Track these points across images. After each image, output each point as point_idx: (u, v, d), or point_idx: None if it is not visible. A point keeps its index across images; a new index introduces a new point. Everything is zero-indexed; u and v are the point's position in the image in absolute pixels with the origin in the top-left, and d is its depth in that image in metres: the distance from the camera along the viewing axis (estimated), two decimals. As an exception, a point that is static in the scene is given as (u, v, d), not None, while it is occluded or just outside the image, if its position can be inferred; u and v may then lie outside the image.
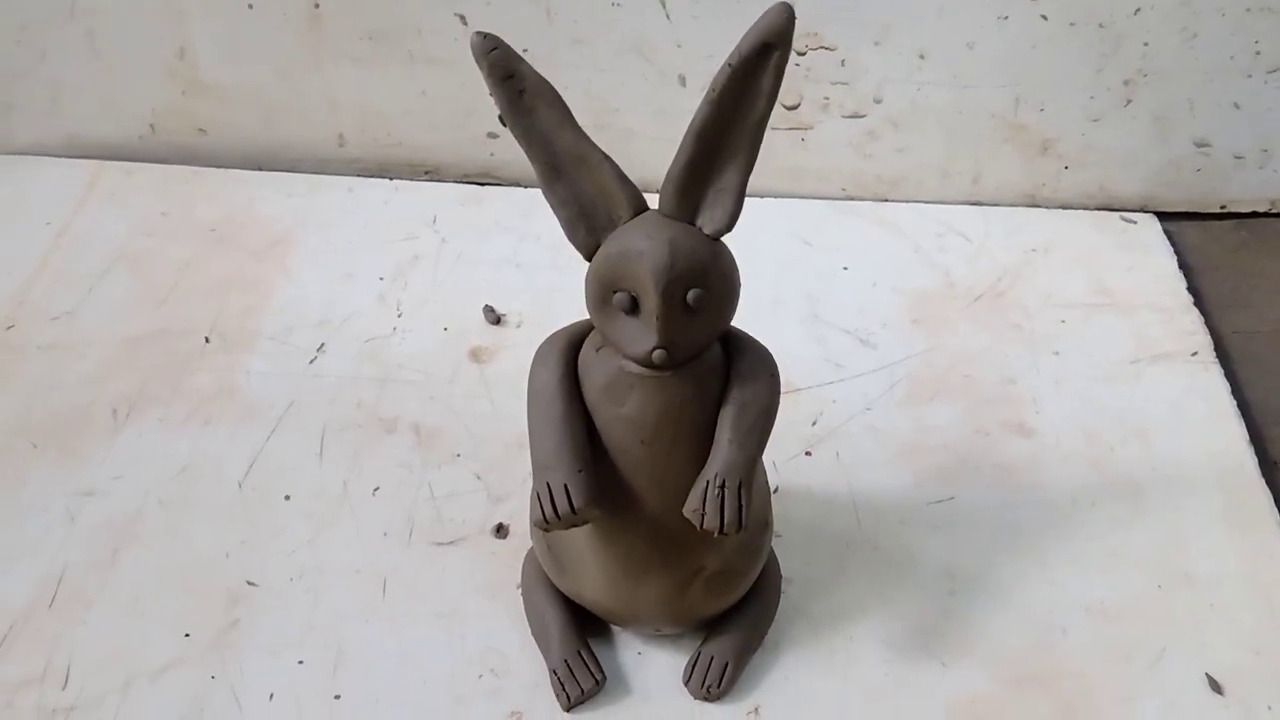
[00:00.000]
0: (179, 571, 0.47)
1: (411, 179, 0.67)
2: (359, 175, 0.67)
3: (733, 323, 0.39)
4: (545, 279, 0.60)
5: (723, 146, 0.36)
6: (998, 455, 0.52)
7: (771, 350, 0.39)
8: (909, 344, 0.57)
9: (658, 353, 0.36)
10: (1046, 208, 0.66)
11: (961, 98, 0.62)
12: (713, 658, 0.43)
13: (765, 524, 0.43)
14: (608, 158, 0.37)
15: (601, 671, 0.43)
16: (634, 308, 0.36)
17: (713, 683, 0.43)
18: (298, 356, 0.56)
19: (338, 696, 0.43)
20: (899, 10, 0.59)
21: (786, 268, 0.62)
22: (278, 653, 0.44)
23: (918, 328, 0.58)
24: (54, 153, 0.67)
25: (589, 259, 0.37)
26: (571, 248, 0.38)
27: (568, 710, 0.43)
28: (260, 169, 0.67)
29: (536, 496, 0.38)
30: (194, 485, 0.50)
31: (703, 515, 0.37)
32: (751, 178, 0.36)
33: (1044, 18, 0.59)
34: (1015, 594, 0.47)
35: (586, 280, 0.37)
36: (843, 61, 0.61)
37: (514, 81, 0.35)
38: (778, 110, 0.63)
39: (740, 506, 0.37)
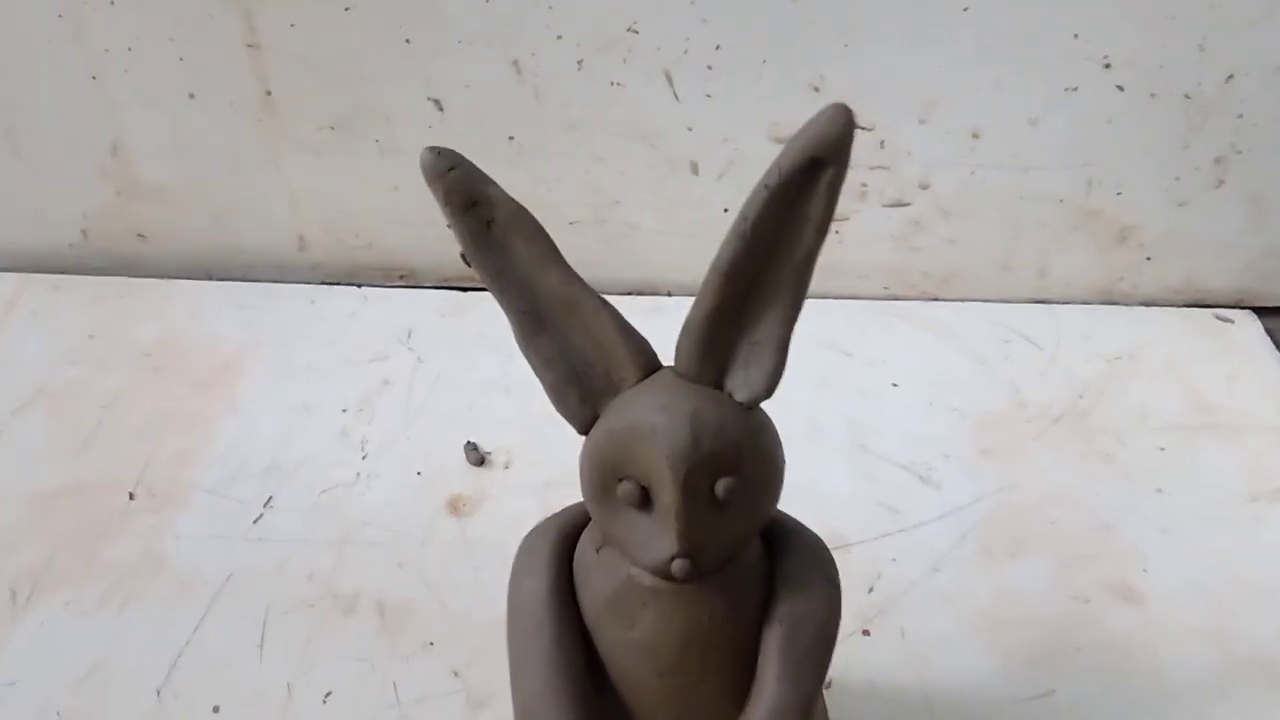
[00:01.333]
0: (75, 815, 0.37)
1: (383, 285, 0.59)
2: (323, 283, 0.58)
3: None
4: (539, 406, 0.50)
5: (759, 290, 0.27)
6: (1102, 631, 0.42)
7: (813, 493, 0.30)
8: (979, 481, 0.48)
9: (678, 563, 0.27)
10: (1126, 305, 0.57)
11: (1023, 181, 0.53)
12: None
13: None
14: (606, 304, 0.28)
15: None
16: (645, 502, 0.27)
17: None
18: (239, 515, 0.47)
19: None
20: (947, 83, 0.51)
21: (823, 386, 0.52)
22: None
23: (987, 460, 0.49)
24: (-26, 266, 0.59)
25: (583, 432, 0.29)
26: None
27: None
28: (210, 278, 0.59)
29: None
30: (104, 692, 0.40)
31: None
32: None
33: (1119, 88, 0.51)
34: (1144, 828, 0.37)
35: (581, 463, 0.28)
36: (882, 142, 0.53)
37: (479, 210, 0.27)
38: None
39: None
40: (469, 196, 0.26)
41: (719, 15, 0.49)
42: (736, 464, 0.27)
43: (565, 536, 0.31)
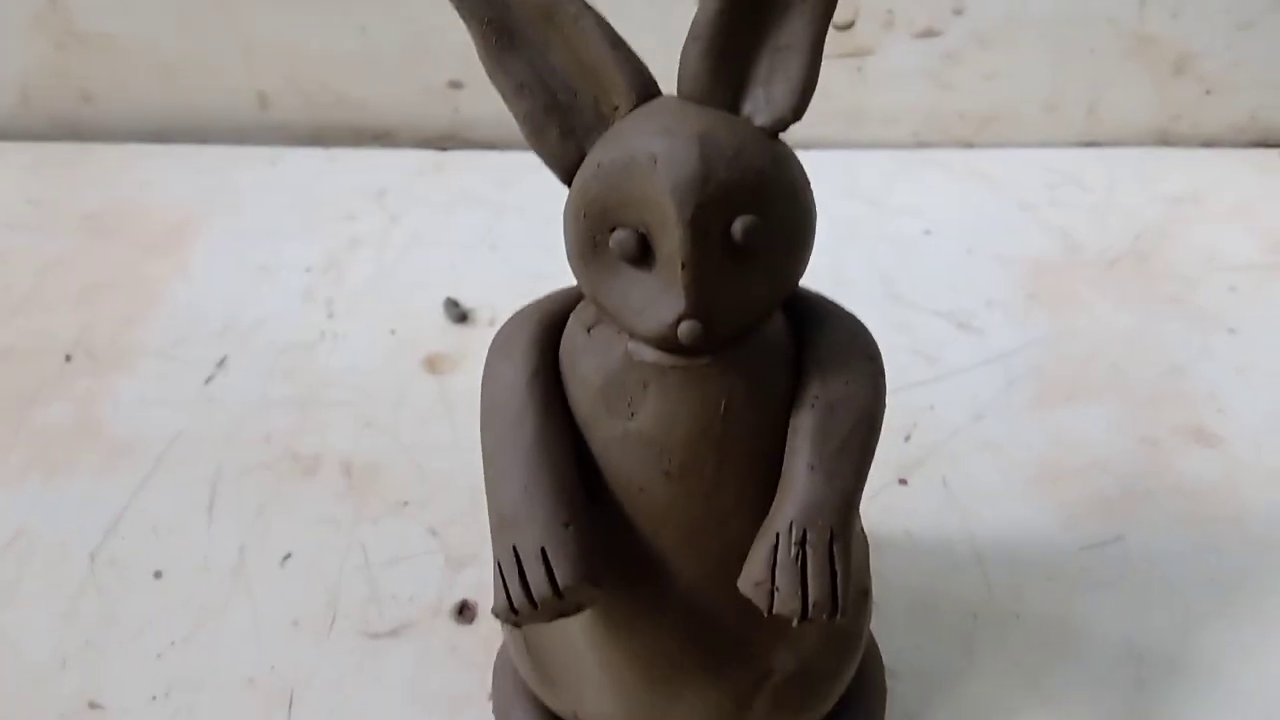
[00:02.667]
0: (-8, 690, 0.32)
1: (354, 145, 0.53)
2: (286, 144, 0.53)
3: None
4: (529, 262, 0.46)
5: None
6: (1175, 474, 0.37)
7: None
8: (1027, 327, 0.43)
9: (686, 325, 0.22)
10: (1185, 146, 0.51)
11: (1070, 5, 0.48)
12: None
13: (864, 594, 0.28)
14: (593, 12, 0.23)
15: None
16: (644, 254, 0.23)
17: None
18: (188, 376, 0.42)
19: None
20: (986, -117, 0.45)
21: (847, 238, 0.47)
22: (123, 816, 0.30)
23: (1036, 305, 0.44)
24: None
25: (567, 179, 0.24)
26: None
27: None
28: (161, 141, 0.53)
29: (498, 570, 0.24)
30: (27, 561, 0.36)
31: (772, 591, 0.23)
32: (796, 125, 0.23)
33: (1182, -116, 0.45)
34: (1239, 678, 0.32)
35: (565, 215, 0.24)
36: (911, -40, 0.47)
37: None
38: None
39: (834, 573, 0.23)
40: None
41: None
42: (758, 199, 0.22)
43: (550, 322, 0.26)
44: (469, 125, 0.53)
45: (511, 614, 0.24)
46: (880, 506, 0.36)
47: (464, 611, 0.34)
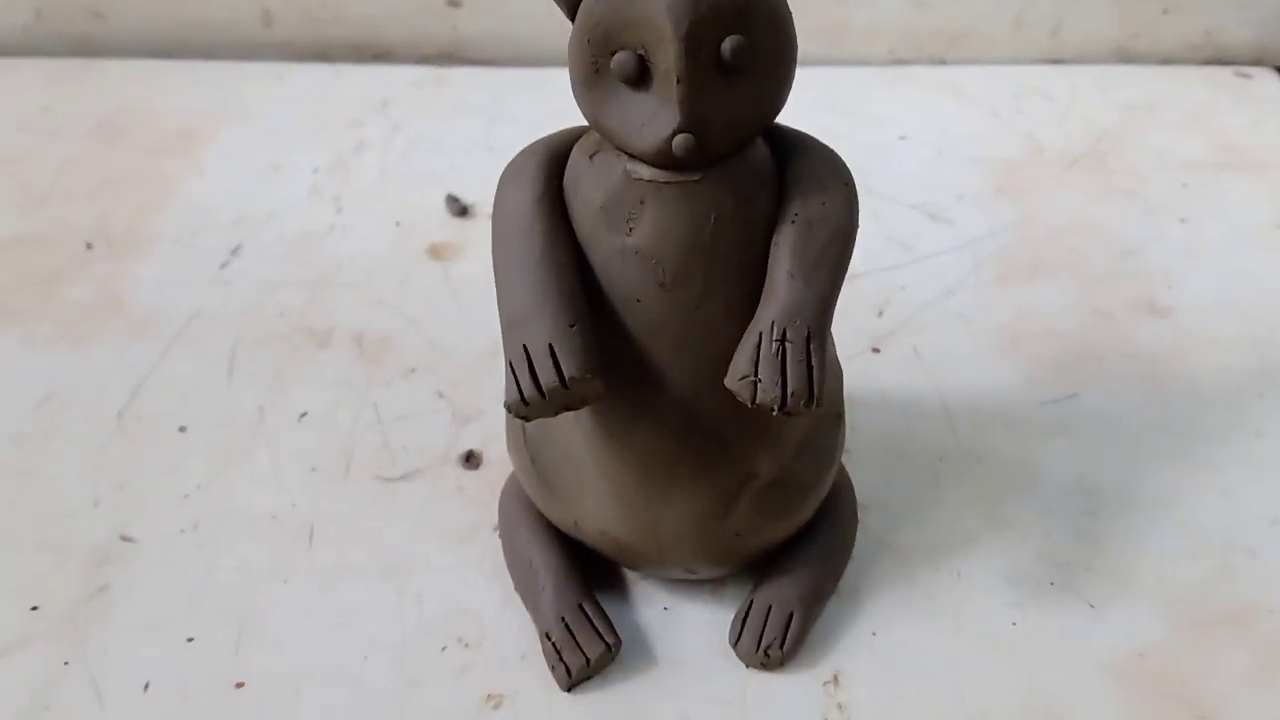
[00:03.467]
0: (31, 525, 0.35)
1: (356, 62, 0.56)
2: (291, 60, 0.56)
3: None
4: (523, 163, 0.49)
5: None
6: (1127, 341, 0.40)
7: None
8: (994, 217, 0.46)
9: (680, 138, 0.25)
10: (1143, 64, 0.55)
11: (1036, -78, 0.51)
12: (770, 607, 0.31)
13: (838, 416, 0.31)
14: None
15: (614, 633, 0.31)
16: (643, 75, 0.25)
17: (773, 641, 0.30)
18: (204, 261, 0.44)
19: (240, 684, 0.31)
20: None
21: (827, 142, 0.50)
22: (158, 628, 0.32)
23: (1003, 198, 0.47)
24: (-86, 47, 0.56)
25: (571, 13, 0.26)
26: (559, 126, 0.27)
27: (568, 689, 0.30)
28: (169, 58, 0.56)
29: (509, 367, 0.26)
30: (59, 417, 0.38)
31: (755, 383, 0.26)
32: None
33: None
34: (1175, 508, 0.35)
35: (570, 44, 0.26)
36: (886, -120, 0.50)
37: None
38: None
39: (810, 367, 0.26)
40: None
41: None
42: (745, 21, 0.25)
43: (556, 153, 0.28)
44: (467, 44, 0.55)
45: (522, 405, 0.26)
46: (856, 371, 0.39)
47: (470, 459, 0.37)
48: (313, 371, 0.40)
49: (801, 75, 0.56)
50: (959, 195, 0.47)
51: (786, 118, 0.27)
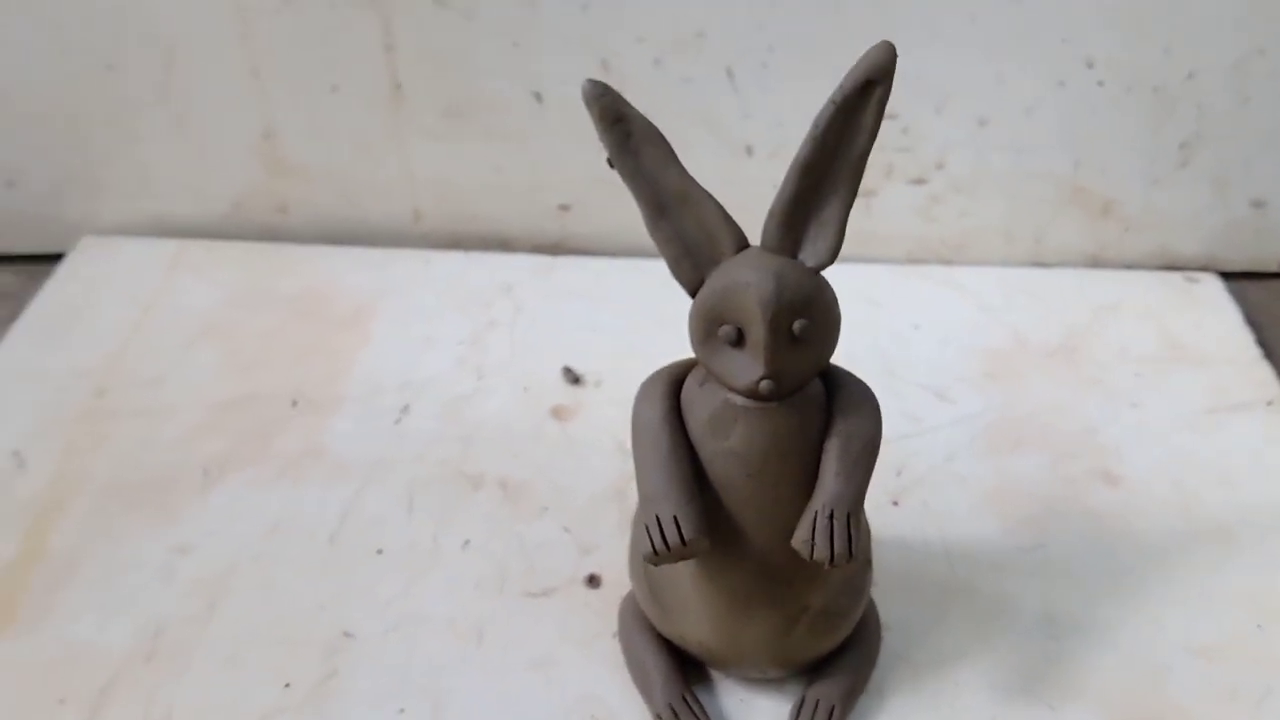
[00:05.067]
0: (275, 624, 0.48)
1: (484, 250, 0.70)
2: (433, 248, 0.70)
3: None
4: (622, 341, 0.63)
5: (825, 181, 0.37)
6: (1086, 503, 0.53)
7: None
8: (986, 398, 0.59)
9: (765, 383, 0.37)
10: (1110, 268, 0.68)
11: (1022, 162, 0.65)
12: (819, 701, 0.44)
13: (868, 562, 0.44)
14: (711, 196, 0.38)
15: (707, 715, 0.43)
16: (740, 340, 0.38)
17: None
18: (382, 418, 0.58)
19: (440, 744, 0.43)
20: (959, 79, 0.63)
21: (859, 328, 0.63)
22: (377, 702, 0.45)
23: (992, 382, 0.60)
24: (140, 232, 0.70)
25: (693, 295, 0.39)
26: (650, 308, 0.40)
27: (673, 757, 0.43)
28: (337, 244, 0.70)
29: (645, 529, 0.39)
30: (286, 541, 0.51)
31: (812, 546, 0.38)
32: None
33: (1100, 84, 0.63)
34: (1117, 636, 0.47)
35: (691, 316, 0.39)
36: (905, 129, 0.65)
37: (623, 125, 0.37)
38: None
39: (849, 537, 0.38)
40: (616, 114, 0.37)
41: (773, 22, 0.62)
42: (809, 308, 0.37)
43: (675, 378, 0.41)
44: (572, 237, 0.70)
45: (653, 557, 0.39)
46: (880, 520, 0.52)
47: (593, 581, 0.50)
48: (470, 509, 0.53)
49: (839, 270, 0.71)
50: (959, 378, 0.60)
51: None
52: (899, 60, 0.35)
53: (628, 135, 0.37)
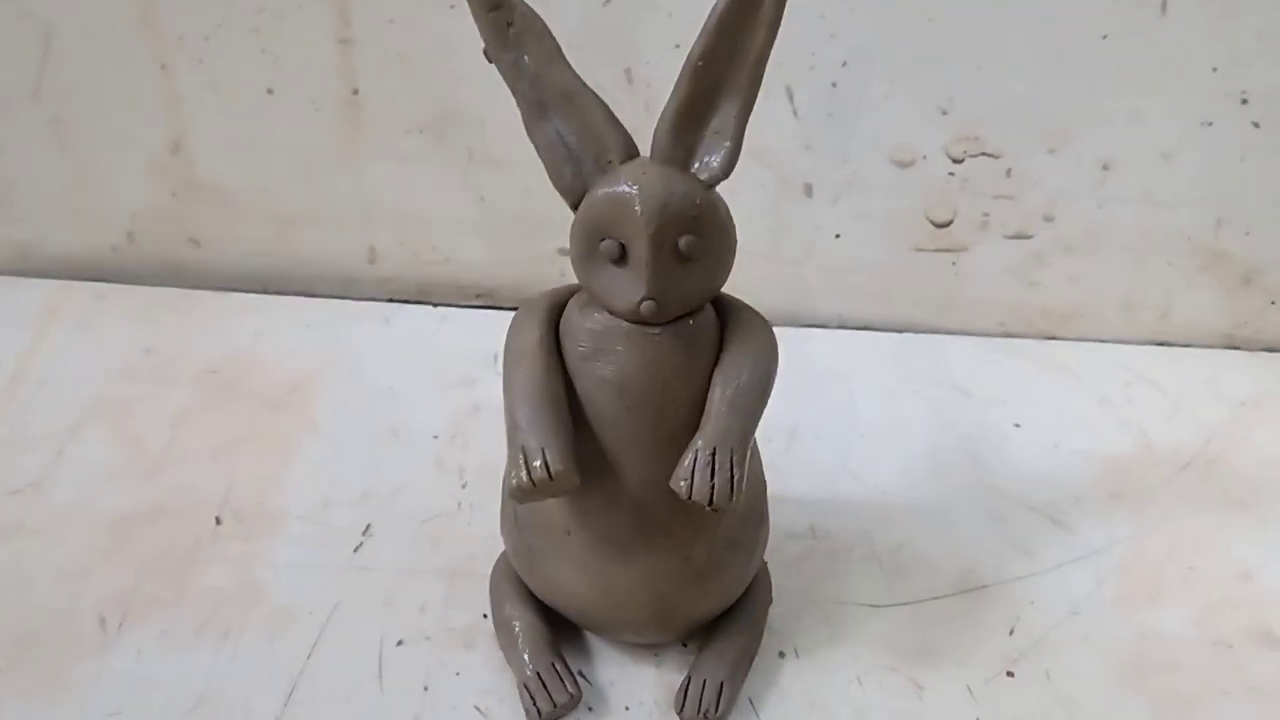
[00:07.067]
0: None
1: (459, 305, 0.66)
2: (392, 300, 0.65)
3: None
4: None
5: (720, 84, 0.39)
6: (1247, 675, 0.50)
7: (945, 530, 0.43)
8: (1112, 526, 0.56)
9: (646, 304, 0.39)
10: (1248, 350, 0.66)
11: (1151, 217, 0.62)
12: (705, 681, 0.46)
13: (762, 517, 0.47)
14: (598, 98, 0.40)
15: (576, 685, 0.46)
16: (622, 256, 0.40)
17: (709, 707, 0.46)
18: (338, 543, 0.53)
19: None
20: (1081, 113, 0.60)
21: (943, 423, 0.60)
22: None
23: (1119, 504, 0.57)
24: (3, 270, 0.65)
25: (575, 207, 0.41)
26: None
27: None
28: (267, 290, 0.65)
29: (511, 463, 0.40)
30: (215, 725, 0.46)
31: (691, 486, 0.40)
32: (892, 308, 0.38)
33: (1256, 125, 0.60)
34: None
35: (572, 230, 0.41)
36: (1008, 171, 0.61)
37: (501, 12, 0.39)
38: (924, 229, 0.63)
39: (732, 477, 0.40)
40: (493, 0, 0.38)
41: (849, 29, 0.58)
42: (697, 225, 0.39)
43: (555, 304, 0.43)
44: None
45: (517, 493, 0.40)
46: (991, 697, 0.48)
47: (627, 784, 0.46)
48: (463, 678, 0.48)
49: (913, 343, 0.69)
50: (1076, 498, 0.57)
51: (908, 388, 0.35)
52: (1002, 88, 0.34)
53: (507, 24, 0.39)
